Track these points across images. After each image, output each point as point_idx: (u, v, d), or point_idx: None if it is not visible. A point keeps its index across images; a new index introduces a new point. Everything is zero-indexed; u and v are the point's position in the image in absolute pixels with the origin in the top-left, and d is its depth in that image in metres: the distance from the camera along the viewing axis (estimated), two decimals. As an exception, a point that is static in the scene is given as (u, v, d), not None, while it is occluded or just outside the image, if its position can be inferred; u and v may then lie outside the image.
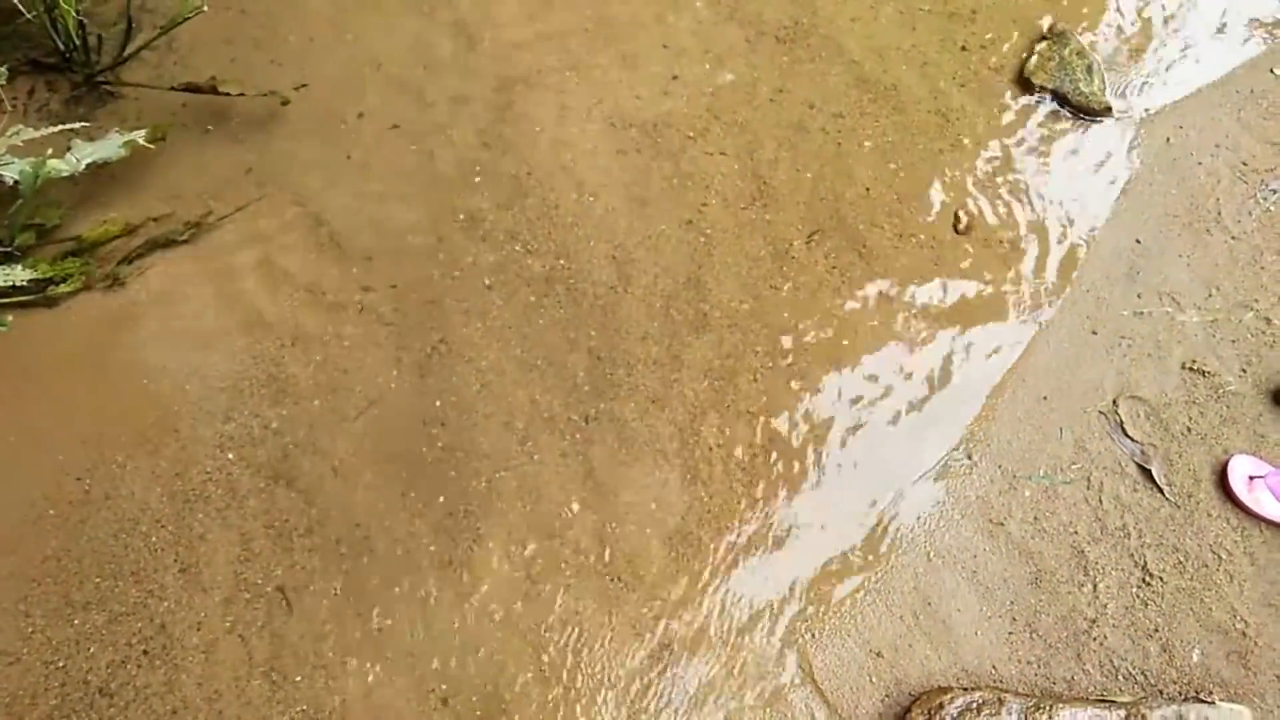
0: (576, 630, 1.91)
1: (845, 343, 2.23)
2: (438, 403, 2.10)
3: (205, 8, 2.30)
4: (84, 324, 2.10)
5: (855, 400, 2.17)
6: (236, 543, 1.94)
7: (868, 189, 2.42)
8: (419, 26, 2.57)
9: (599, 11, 2.66)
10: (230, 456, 2.02)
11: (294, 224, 2.28)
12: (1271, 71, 2.64)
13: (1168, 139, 2.51)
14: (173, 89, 2.39)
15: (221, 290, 2.18)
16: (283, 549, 1.95)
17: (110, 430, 2.01)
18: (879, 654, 1.92)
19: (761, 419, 2.13)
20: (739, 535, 2.02)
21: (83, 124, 2.24)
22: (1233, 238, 2.37)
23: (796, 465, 2.09)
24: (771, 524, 2.04)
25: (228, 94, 2.40)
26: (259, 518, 1.97)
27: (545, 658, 1.88)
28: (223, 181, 2.31)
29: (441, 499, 2.01)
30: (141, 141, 2.20)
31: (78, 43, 2.33)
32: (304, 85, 2.46)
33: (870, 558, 2.02)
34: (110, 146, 2.18)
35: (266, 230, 2.26)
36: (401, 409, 2.09)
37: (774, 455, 2.10)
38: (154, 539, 1.92)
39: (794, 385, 2.18)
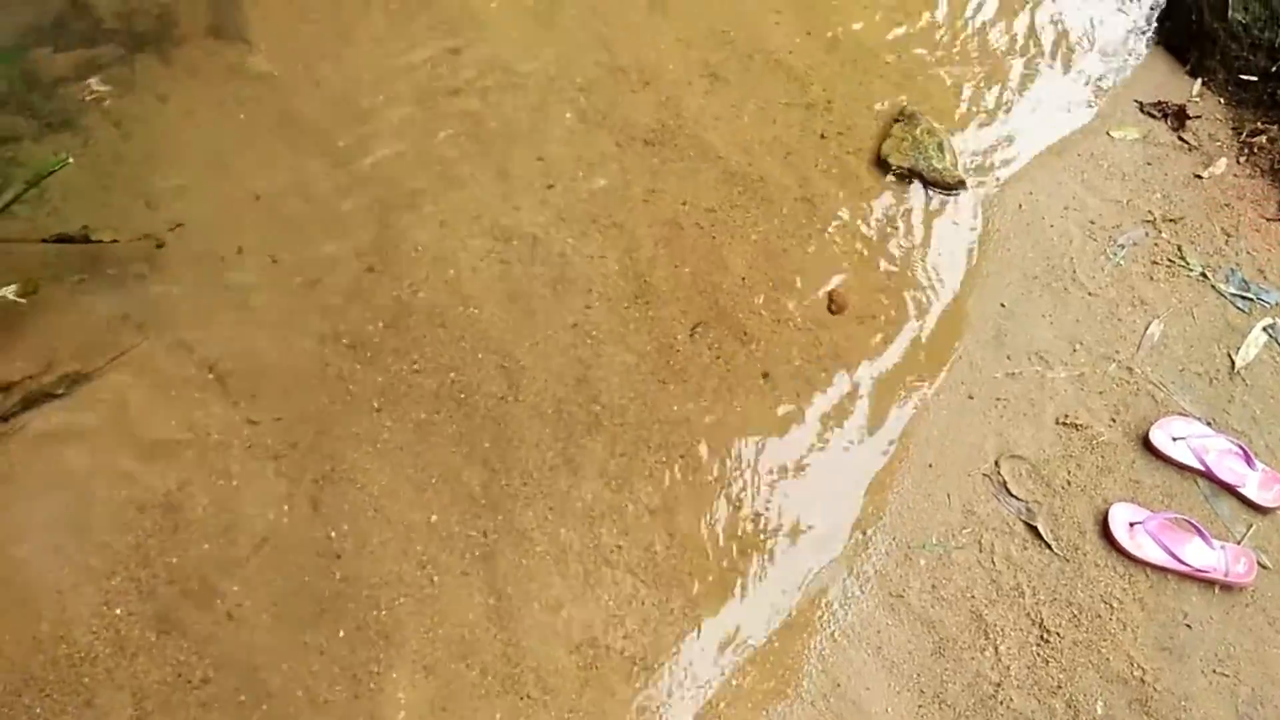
0: (488, 754, 1.88)
1: (735, 431, 2.27)
2: (332, 533, 2.08)
3: (70, 160, 2.31)
4: (-45, 491, 2.04)
5: (749, 488, 2.21)
6: (128, 703, 1.87)
7: (744, 278, 2.51)
8: (296, 159, 2.60)
9: (473, 128, 2.73)
10: (118, 612, 1.96)
11: (174, 367, 2.26)
12: (1108, 134, 2.82)
13: (1019, 205, 2.66)
14: (44, 240, 2.37)
15: (101, 442, 2.14)
16: (178, 703, 1.88)
17: (-13, 599, 1.94)
18: (793, 742, 1.93)
19: (659, 516, 2.16)
20: (646, 637, 2.02)
21: (-51, 286, 2.21)
22: (1089, 294, 2.50)
23: (697, 560, 2.11)
24: (678, 622, 2.04)
25: (100, 241, 2.39)
26: (151, 673, 1.90)
27: (457, 787, 1.84)
28: (100, 330, 2.29)
29: (341, 633, 1.98)
30: (12, 297, 2.17)
31: (-58, 204, 2.31)
32: (179, 225, 2.47)
33: (778, 644, 2.04)
34: (-22, 305, 2.15)
35: (146, 376, 2.23)
36: (295, 544, 2.07)
37: (674, 553, 2.11)
38: (38, 710, 1.85)
39: (688, 479, 2.21)
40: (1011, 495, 2.20)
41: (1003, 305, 2.48)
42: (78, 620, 1.94)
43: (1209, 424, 2.30)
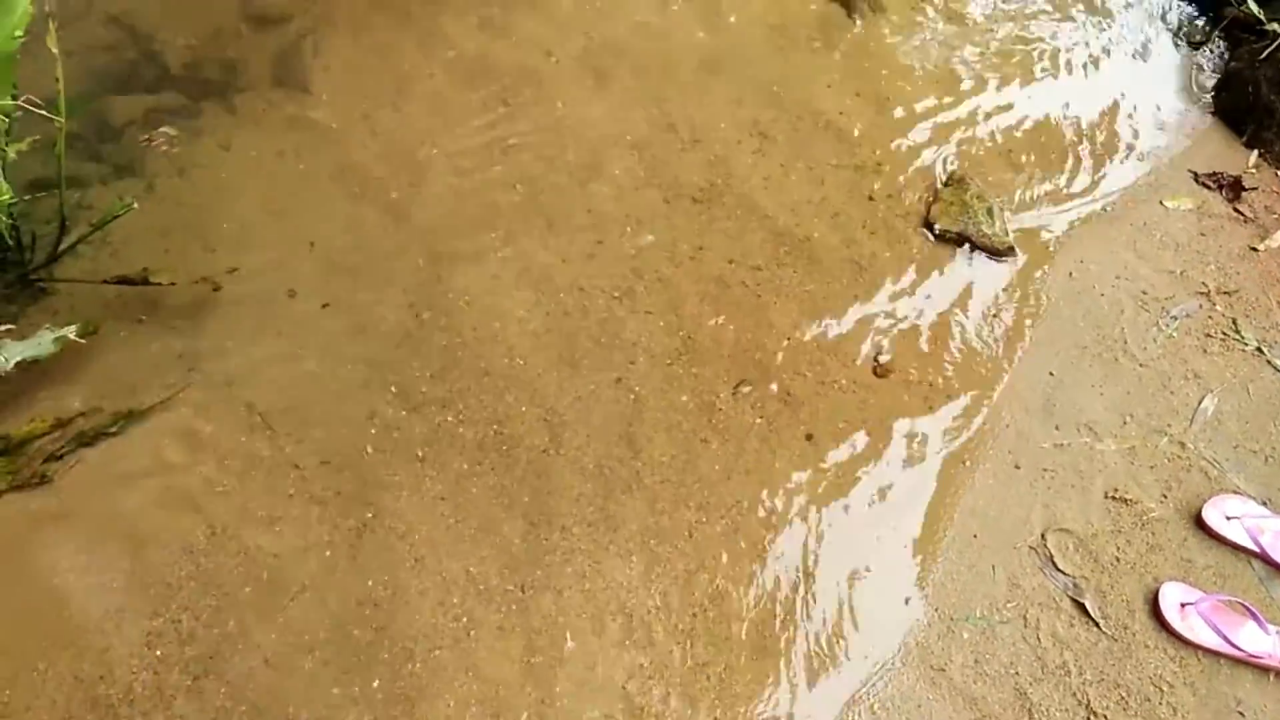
0: (518, 816, 1.86)
1: (777, 494, 2.26)
2: (370, 582, 2.08)
3: (135, 205, 2.37)
4: (7, 526, 2.08)
5: (790, 553, 2.18)
6: (164, 746, 1.88)
7: (789, 338, 2.50)
8: (350, 208, 2.66)
9: (524, 182, 2.77)
10: (158, 654, 1.97)
11: (224, 408, 2.30)
12: (1162, 203, 2.80)
13: (1070, 273, 2.63)
14: (105, 282, 2.43)
15: (149, 482, 2.17)
16: (212, 748, 1.89)
17: (32, 636, 1.96)
18: (829, 818, 1.88)
19: (699, 578, 2.14)
20: (682, 702, 2.00)
21: (14, 324, 2.27)
22: (1140, 365, 2.46)
23: (735, 625, 2.09)
24: (714, 688, 2.02)
25: (160, 283, 2.45)
26: (188, 717, 1.91)
27: None
28: (154, 370, 2.33)
29: (376, 683, 1.98)
30: (73, 337, 2.22)
31: (11, 243, 2.39)
32: (235, 269, 2.53)
33: (816, 715, 2.00)
34: (41, 344, 2.20)
35: (196, 416, 2.27)
36: (334, 592, 2.07)
37: (712, 616, 2.09)
38: (76, 749, 1.86)
39: (729, 541, 2.19)
40: (1058, 570, 2.15)
41: (1052, 374, 2.45)
42: (119, 660, 1.96)
43: (1264, 504, 2.24)
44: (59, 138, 2.32)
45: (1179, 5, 3.39)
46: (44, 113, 2.22)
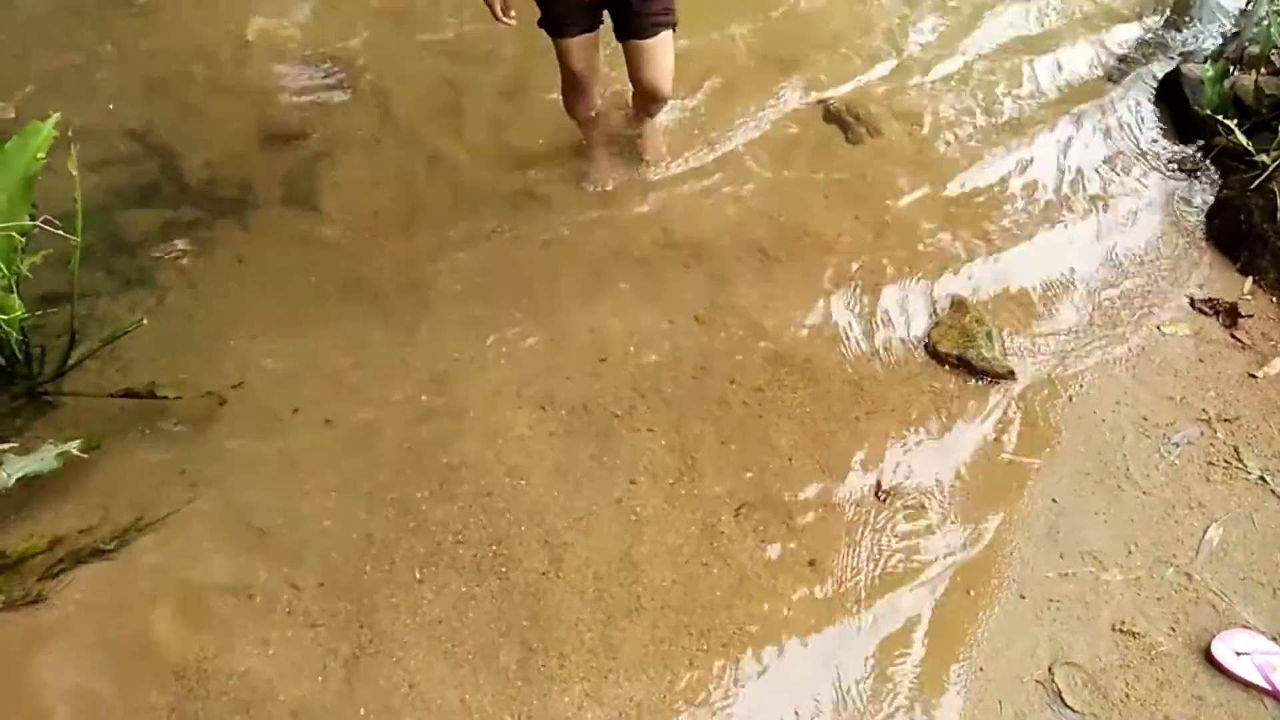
0: None
1: (778, 620, 2.22)
2: (362, 710, 2.04)
3: (145, 321, 2.41)
4: (-3, 647, 2.05)
5: (792, 682, 2.14)
6: None
7: (790, 459, 2.50)
8: (356, 326, 2.70)
9: (528, 300, 2.82)
10: (142, 784, 1.92)
11: (224, 526, 2.29)
12: (1159, 329, 2.83)
13: (1070, 397, 2.65)
14: (111, 395, 2.45)
15: (145, 602, 2.15)
16: None
17: (15, 764, 1.92)
18: None
19: (701, 710, 2.09)
20: (679, 842, 1.93)
21: (18, 438, 2.28)
22: (1144, 493, 2.45)
23: (735, 759, 2.03)
24: (713, 827, 1.95)
25: (165, 397, 2.46)
26: None
27: None
28: (155, 486, 2.33)
29: (365, 820, 1.92)
30: (75, 452, 2.23)
31: (20, 357, 2.41)
32: (241, 383, 2.55)
33: None
34: (44, 459, 2.20)
35: (196, 535, 2.26)
36: (326, 719, 2.03)
37: (712, 749, 2.04)
38: None
39: (731, 670, 2.15)
40: (1067, 706, 2.11)
41: (1054, 500, 2.44)
42: (101, 792, 1.90)
43: (1274, 639, 2.21)
44: (74, 255, 2.38)
45: (1171, 135, 3.49)
46: (61, 232, 2.28)
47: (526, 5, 2.61)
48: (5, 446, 2.20)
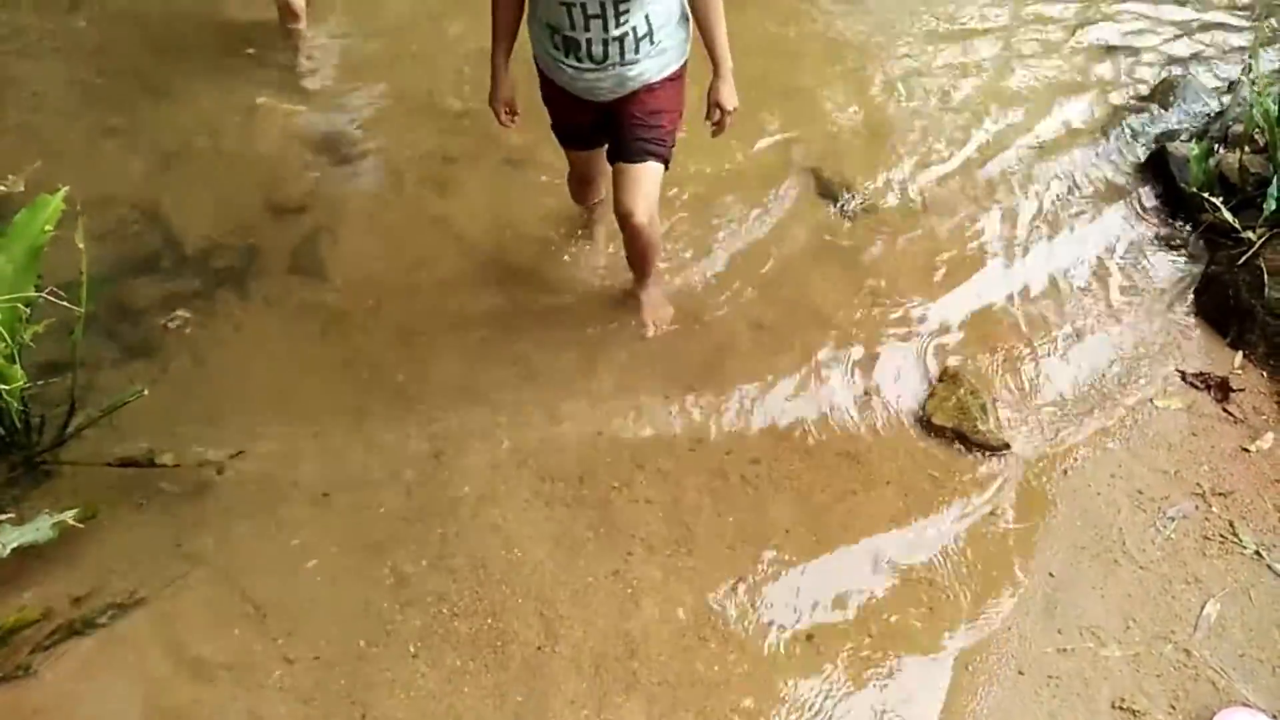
0: None
1: (776, 699, 2.20)
2: (354, 790, 2.01)
3: (145, 392, 2.43)
4: (-15, 722, 2.02)
5: (790, 761, 2.12)
6: None
7: (787, 530, 2.51)
8: (356, 398, 2.72)
9: (524, 368, 2.84)
10: None
11: (219, 599, 2.27)
12: (1152, 402, 2.86)
13: (1065, 470, 2.66)
14: (109, 464, 2.45)
15: (138, 676, 2.13)
16: None
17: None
18: None
19: (695, 788, 2.06)
20: None
21: (14, 507, 2.28)
22: (1140, 567, 2.45)
23: (733, 842, 2.00)
24: None
25: (164, 465, 2.47)
26: None
27: None
28: (150, 558, 2.32)
29: None
30: (71, 522, 2.22)
31: (19, 426, 2.42)
32: (240, 453, 2.55)
33: None
34: (40, 530, 2.19)
35: (190, 608, 2.25)
36: (316, 799, 2.00)
37: (709, 831, 2.01)
38: None
39: (726, 747, 2.13)
40: (1068, 787, 2.08)
41: (1051, 575, 2.43)
42: None
43: (1275, 717, 2.19)
44: (77, 325, 2.40)
45: (1159, 212, 3.56)
46: (65, 303, 2.31)
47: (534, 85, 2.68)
48: (1, 517, 2.19)
